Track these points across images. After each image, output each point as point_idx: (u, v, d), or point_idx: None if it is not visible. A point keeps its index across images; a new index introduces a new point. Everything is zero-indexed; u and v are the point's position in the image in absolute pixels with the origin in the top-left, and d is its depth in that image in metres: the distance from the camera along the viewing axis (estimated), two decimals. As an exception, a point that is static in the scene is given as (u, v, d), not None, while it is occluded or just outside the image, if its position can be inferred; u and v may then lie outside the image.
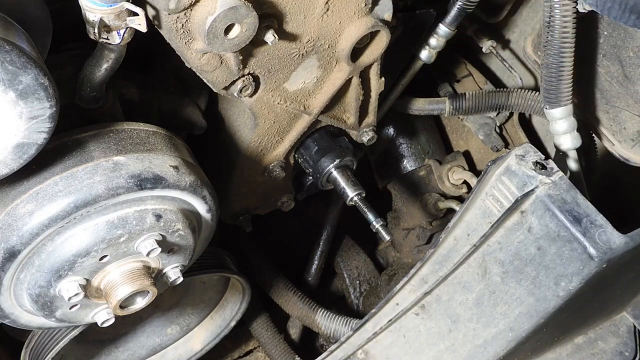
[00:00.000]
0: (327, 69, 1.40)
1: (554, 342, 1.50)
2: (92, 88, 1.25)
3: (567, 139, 1.52)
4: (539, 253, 1.26)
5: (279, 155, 1.55)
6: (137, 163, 1.18)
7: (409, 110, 1.91)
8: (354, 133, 1.63)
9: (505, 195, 1.29)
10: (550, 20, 1.36)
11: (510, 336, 1.32)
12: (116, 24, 1.06)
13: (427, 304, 1.38)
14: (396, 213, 2.19)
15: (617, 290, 1.50)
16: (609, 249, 1.20)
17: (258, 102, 1.37)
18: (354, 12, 1.31)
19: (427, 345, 1.39)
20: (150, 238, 1.21)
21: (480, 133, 2.07)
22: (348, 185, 1.55)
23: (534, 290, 1.28)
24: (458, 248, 1.35)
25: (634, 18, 1.21)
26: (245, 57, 1.25)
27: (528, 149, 1.31)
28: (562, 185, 1.25)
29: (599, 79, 1.56)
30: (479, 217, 1.34)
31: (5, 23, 0.99)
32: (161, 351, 1.85)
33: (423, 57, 1.74)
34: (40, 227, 1.12)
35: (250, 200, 1.68)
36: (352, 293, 2.21)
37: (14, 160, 1.05)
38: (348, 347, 1.43)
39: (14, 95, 0.97)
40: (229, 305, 1.85)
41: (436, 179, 2.08)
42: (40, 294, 1.19)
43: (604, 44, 1.50)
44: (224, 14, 1.09)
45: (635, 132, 1.56)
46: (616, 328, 1.57)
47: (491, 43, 1.98)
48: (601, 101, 1.59)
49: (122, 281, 1.22)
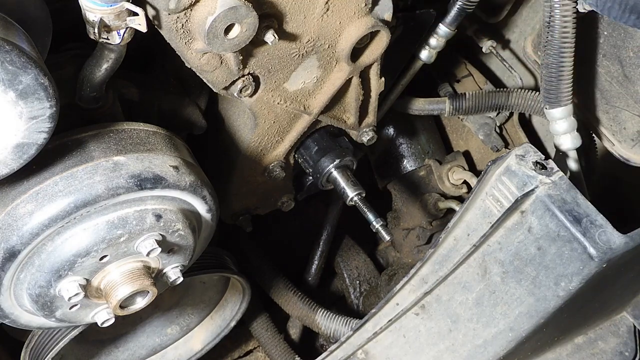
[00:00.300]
0: (327, 69, 1.40)
1: (554, 342, 1.50)
2: (92, 88, 1.25)
3: (567, 139, 1.52)
4: (539, 253, 1.26)
5: (279, 155, 1.55)
6: (137, 163, 1.18)
7: (409, 110, 1.91)
8: (354, 133, 1.63)
9: (505, 195, 1.29)
10: (550, 20, 1.36)
11: (510, 336, 1.32)
12: (116, 24, 1.06)
13: (427, 304, 1.38)
14: (396, 213, 2.19)
15: (617, 290, 1.50)
16: (609, 249, 1.20)
17: (258, 102, 1.37)
18: (354, 12, 1.31)
19: (427, 345, 1.39)
20: (150, 238, 1.21)
21: (480, 133, 2.07)
22: (348, 185, 1.55)
23: (534, 290, 1.28)
24: (458, 248, 1.35)
25: (634, 18, 1.21)
26: (245, 57, 1.25)
27: (528, 149, 1.31)
28: (562, 185, 1.25)
29: (599, 79, 1.56)
30: (479, 217, 1.34)
31: (5, 23, 0.99)
32: (161, 351, 1.85)
33: (423, 57, 1.74)
34: (40, 227, 1.12)
35: (250, 200, 1.68)
36: (352, 293, 2.21)
37: (14, 160, 1.04)
38: (348, 347, 1.43)
39: (14, 95, 0.97)
40: (229, 305, 1.85)
41: (436, 179, 2.08)
42: (40, 294, 1.19)
43: (604, 44, 1.50)
44: (224, 14, 1.09)
45: (635, 132, 1.56)
46: (616, 328, 1.57)
47: (491, 43, 1.98)
48: (601, 101, 1.59)
49: (122, 281, 1.22)
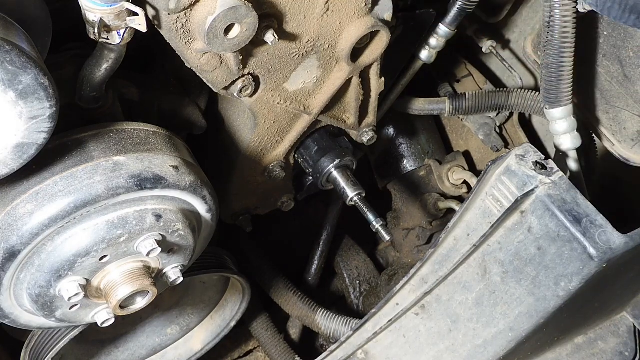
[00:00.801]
0: (327, 69, 1.40)
1: (554, 342, 1.50)
2: (92, 88, 1.25)
3: (567, 139, 1.52)
4: (539, 253, 1.26)
5: (279, 155, 1.55)
6: (137, 163, 1.18)
7: (409, 110, 1.91)
8: (354, 133, 1.63)
9: (505, 195, 1.29)
10: (550, 20, 1.36)
11: (510, 336, 1.32)
12: (116, 24, 1.06)
13: (427, 304, 1.38)
14: (396, 213, 2.19)
15: (617, 290, 1.50)
16: (609, 249, 1.20)
17: (258, 102, 1.37)
18: (354, 12, 1.31)
19: (427, 345, 1.39)
20: (150, 238, 1.21)
21: (480, 133, 2.07)
22: (348, 185, 1.55)
23: (534, 290, 1.28)
24: (458, 248, 1.35)
25: (634, 18, 1.21)
26: (245, 57, 1.25)
27: (528, 149, 1.31)
28: (562, 185, 1.25)
29: (599, 79, 1.56)
30: (479, 217, 1.34)
31: (5, 23, 0.99)
32: (161, 351, 1.85)
33: (423, 57, 1.74)
34: (40, 227, 1.12)
35: (250, 200, 1.68)
36: (352, 293, 2.21)
37: (14, 160, 1.04)
38: (348, 347, 1.43)
39: (14, 95, 0.97)
40: (229, 305, 1.85)
41: (436, 179, 2.08)
42: (40, 294, 1.19)
43: (604, 44, 1.50)
44: (224, 14, 1.09)
45: (635, 132, 1.56)
46: (616, 328, 1.57)
47: (491, 43, 1.98)
48: (601, 101, 1.59)
49: (122, 281, 1.22)
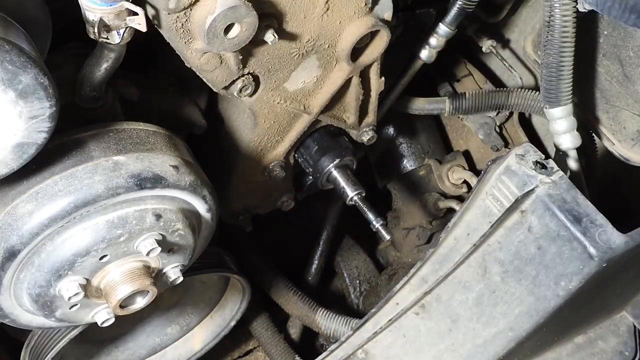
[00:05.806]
0: (327, 68, 1.40)
1: (554, 341, 1.50)
2: (92, 88, 1.25)
3: (567, 139, 1.52)
4: (539, 252, 1.26)
5: (279, 154, 1.55)
6: (137, 163, 1.18)
7: (409, 110, 1.91)
8: (353, 133, 1.63)
9: (505, 194, 1.29)
10: (550, 19, 1.36)
11: (510, 336, 1.32)
12: (116, 24, 1.06)
13: (427, 304, 1.38)
14: (396, 213, 2.19)
15: (617, 289, 1.50)
16: (609, 248, 1.20)
17: (258, 102, 1.37)
18: (354, 11, 1.30)
19: (427, 344, 1.38)
20: (150, 238, 1.20)
21: (480, 132, 2.07)
22: (348, 184, 1.55)
23: (534, 290, 1.28)
24: (458, 248, 1.35)
25: (634, 17, 1.21)
26: (245, 56, 1.25)
27: (528, 149, 1.31)
28: (562, 184, 1.25)
29: (599, 78, 1.56)
30: (479, 217, 1.34)
31: (5, 23, 0.99)
32: (161, 351, 1.85)
33: (423, 56, 1.74)
34: (40, 226, 1.12)
35: (250, 199, 1.68)
36: (352, 293, 2.21)
37: (14, 159, 1.04)
38: (348, 346, 1.43)
39: (13, 94, 0.97)
40: (229, 305, 1.85)
41: (436, 179, 2.08)
42: (40, 293, 1.19)
43: (604, 43, 1.50)
44: (224, 14, 1.09)
45: (635, 131, 1.56)
46: (616, 327, 1.57)
47: (491, 43, 1.98)
48: (601, 101, 1.59)
49: (122, 281, 1.22)
